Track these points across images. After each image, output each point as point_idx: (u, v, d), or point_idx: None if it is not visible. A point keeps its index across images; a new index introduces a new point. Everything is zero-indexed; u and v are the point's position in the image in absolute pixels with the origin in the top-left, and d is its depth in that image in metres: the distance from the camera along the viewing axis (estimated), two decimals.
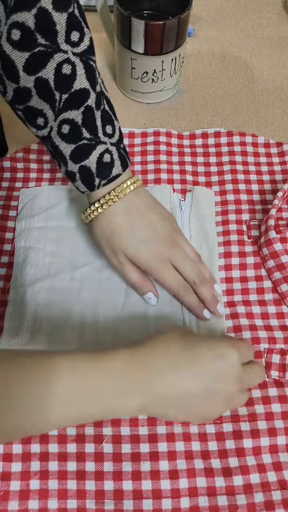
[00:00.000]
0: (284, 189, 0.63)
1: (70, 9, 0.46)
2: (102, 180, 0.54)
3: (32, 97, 0.48)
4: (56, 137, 0.52)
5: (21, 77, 0.47)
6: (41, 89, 0.48)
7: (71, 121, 0.50)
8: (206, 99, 0.79)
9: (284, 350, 0.54)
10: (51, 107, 0.49)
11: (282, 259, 0.58)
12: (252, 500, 0.47)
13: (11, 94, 0.49)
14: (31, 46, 0.45)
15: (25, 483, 0.48)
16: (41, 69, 0.47)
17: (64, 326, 0.55)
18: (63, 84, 0.48)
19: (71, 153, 0.52)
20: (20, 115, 0.51)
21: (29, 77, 0.47)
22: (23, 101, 0.49)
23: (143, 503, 0.47)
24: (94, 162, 0.53)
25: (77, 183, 0.54)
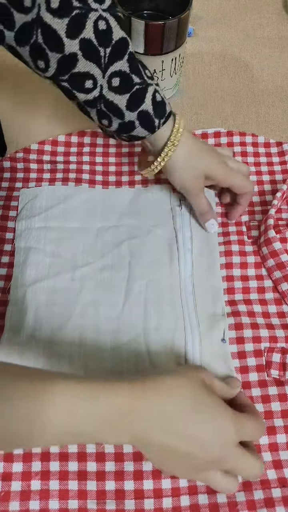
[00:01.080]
0: (283, 189, 0.63)
1: None
2: (161, 119, 0.57)
3: (78, 61, 0.50)
4: (109, 93, 0.53)
5: (65, 44, 0.49)
6: (86, 49, 0.50)
7: (119, 72, 0.53)
8: (206, 99, 0.79)
9: (285, 349, 0.54)
10: (98, 65, 0.51)
11: (281, 258, 0.58)
12: (251, 497, 0.47)
13: (55, 67, 0.51)
14: (69, 10, 0.47)
15: (26, 484, 0.48)
16: (82, 30, 0.49)
17: (65, 326, 0.55)
18: (103, 38, 0.50)
19: (127, 103, 0.54)
20: (65, 86, 0.53)
21: (73, 41, 0.49)
22: (68, 69, 0.51)
23: (145, 502, 0.47)
24: (150, 104, 0.55)
25: (137, 130, 0.57)
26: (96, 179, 0.68)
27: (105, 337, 0.55)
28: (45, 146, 0.70)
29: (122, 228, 0.63)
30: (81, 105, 0.57)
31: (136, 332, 0.55)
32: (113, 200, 0.66)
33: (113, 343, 0.54)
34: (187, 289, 0.58)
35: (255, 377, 0.53)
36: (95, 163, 0.70)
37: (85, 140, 0.71)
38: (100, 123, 0.58)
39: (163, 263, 0.60)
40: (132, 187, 0.67)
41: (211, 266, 0.60)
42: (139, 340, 0.54)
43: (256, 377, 0.53)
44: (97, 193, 0.66)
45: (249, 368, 0.54)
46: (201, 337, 0.55)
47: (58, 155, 0.70)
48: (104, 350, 0.54)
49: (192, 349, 0.54)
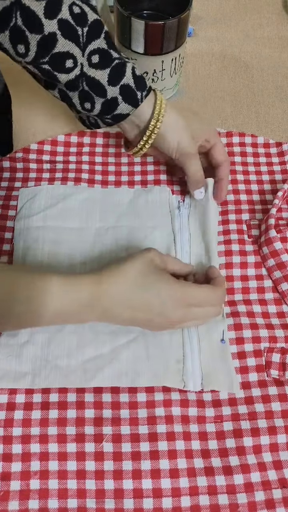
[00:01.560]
0: (284, 189, 0.63)
1: None
2: (143, 92, 0.58)
3: (58, 41, 0.52)
4: (90, 69, 0.55)
5: (44, 24, 0.51)
6: (65, 29, 0.52)
7: (98, 49, 0.55)
8: (206, 99, 0.79)
9: (285, 349, 0.54)
10: (77, 44, 0.53)
11: (282, 258, 0.58)
12: (253, 499, 0.47)
13: (35, 50, 0.52)
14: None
15: (25, 483, 0.48)
16: (59, 12, 0.51)
17: (64, 327, 0.55)
18: (79, 20, 0.53)
19: (108, 77, 0.56)
20: (45, 68, 0.54)
21: (52, 21, 0.51)
22: (48, 50, 0.53)
23: (144, 502, 0.47)
24: (130, 77, 0.57)
25: (120, 107, 0.58)
26: (96, 179, 0.68)
27: (103, 339, 0.54)
28: (45, 146, 0.70)
29: (121, 229, 0.63)
30: (62, 92, 0.58)
31: (134, 333, 0.55)
32: (112, 200, 0.66)
33: (112, 345, 0.54)
34: None
35: (255, 377, 0.53)
36: (95, 163, 0.69)
37: (84, 140, 0.71)
38: (83, 107, 0.59)
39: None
40: (132, 187, 0.67)
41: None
42: (137, 342, 0.54)
43: (256, 377, 0.53)
44: (96, 193, 0.66)
45: (249, 368, 0.54)
46: (200, 338, 0.55)
47: (58, 155, 0.70)
48: (103, 351, 0.54)
49: (190, 350, 0.54)
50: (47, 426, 0.50)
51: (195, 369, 0.53)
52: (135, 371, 0.52)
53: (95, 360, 0.53)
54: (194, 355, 0.54)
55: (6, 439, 0.49)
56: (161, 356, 0.53)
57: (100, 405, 0.51)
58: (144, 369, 0.53)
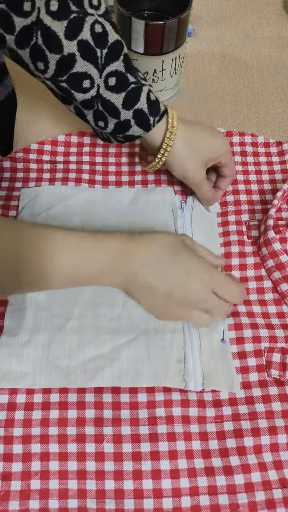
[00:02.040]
0: (283, 189, 0.63)
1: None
2: (155, 117, 0.58)
3: (76, 62, 0.53)
4: (105, 92, 0.56)
5: (64, 45, 0.51)
6: (84, 50, 0.52)
7: (115, 72, 0.55)
8: (206, 99, 0.79)
9: (285, 349, 0.54)
10: (95, 65, 0.54)
11: (281, 259, 0.58)
12: (253, 499, 0.47)
13: (54, 68, 0.53)
14: (67, 13, 0.51)
15: (25, 483, 0.48)
16: (80, 32, 0.52)
17: (64, 327, 0.55)
18: (100, 40, 0.53)
19: (123, 101, 0.57)
20: (63, 86, 0.55)
21: (71, 42, 0.52)
22: (66, 69, 0.53)
23: (144, 502, 0.47)
24: (144, 102, 0.58)
25: (132, 129, 0.59)
26: (96, 179, 0.68)
27: (104, 338, 0.55)
28: (45, 146, 0.70)
29: (123, 228, 0.63)
30: (78, 108, 0.58)
31: (135, 333, 0.55)
32: (113, 200, 0.66)
33: (113, 345, 0.54)
34: None
35: (255, 377, 0.53)
36: (95, 163, 0.70)
37: (85, 140, 0.71)
38: (96, 125, 0.60)
39: None
40: (132, 187, 0.67)
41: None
42: (138, 341, 0.54)
43: (257, 377, 0.53)
44: (98, 193, 0.66)
45: (250, 368, 0.54)
46: (200, 338, 0.55)
47: (58, 155, 0.70)
48: (103, 351, 0.54)
49: (191, 349, 0.54)
50: (47, 426, 0.50)
51: (196, 369, 0.53)
52: (135, 370, 0.53)
53: (96, 360, 0.53)
54: (195, 355, 0.54)
55: (7, 439, 0.49)
56: (162, 356, 0.53)
57: (101, 405, 0.51)
58: (145, 369, 0.53)
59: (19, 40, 0.51)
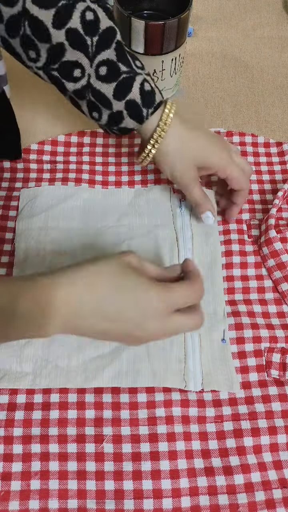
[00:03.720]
0: (284, 188, 0.63)
1: None
2: (149, 109, 0.56)
3: (66, 51, 0.51)
4: (96, 82, 0.54)
5: (52, 34, 0.50)
6: (73, 39, 0.51)
7: (106, 61, 0.53)
8: (206, 99, 0.79)
9: (285, 349, 0.54)
10: (85, 54, 0.52)
11: (282, 258, 0.58)
12: (253, 499, 0.47)
13: (44, 57, 0.52)
14: (55, 1, 0.49)
15: (25, 483, 0.48)
16: (68, 20, 0.50)
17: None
18: (90, 28, 0.51)
19: (114, 92, 0.55)
20: (55, 75, 0.54)
21: (59, 31, 0.50)
22: (57, 58, 0.52)
23: (144, 502, 0.47)
24: (137, 93, 0.55)
25: (125, 121, 0.57)
26: (96, 179, 0.68)
27: None
28: (45, 146, 0.70)
29: (122, 228, 0.63)
30: (72, 99, 0.57)
31: None
32: (113, 200, 0.66)
33: (113, 345, 0.54)
34: None
35: (255, 377, 0.53)
36: (95, 163, 0.70)
37: (84, 140, 0.71)
38: (91, 116, 0.58)
39: (163, 263, 0.60)
40: (132, 187, 0.67)
41: (212, 266, 0.60)
42: None
43: (256, 377, 0.53)
44: (97, 193, 0.66)
45: (249, 368, 0.54)
46: (201, 338, 0.55)
47: (58, 155, 0.70)
48: (103, 351, 0.54)
49: (191, 349, 0.54)
50: (47, 427, 0.50)
51: (196, 368, 0.53)
52: (135, 371, 0.53)
53: (96, 360, 0.53)
54: (196, 354, 0.54)
55: (7, 439, 0.49)
56: (162, 356, 0.53)
57: (101, 406, 0.51)
58: (145, 369, 0.53)
59: (8, 29, 0.50)
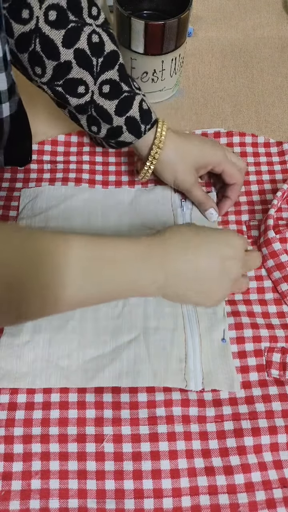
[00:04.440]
0: (283, 189, 0.63)
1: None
2: (147, 126, 0.60)
3: (72, 69, 0.54)
4: (99, 98, 0.57)
5: (61, 52, 0.53)
6: (80, 58, 0.54)
7: (109, 80, 0.57)
8: (206, 99, 0.79)
9: (285, 349, 0.54)
10: (90, 72, 0.55)
11: (281, 259, 0.58)
12: (253, 499, 0.47)
13: (50, 73, 0.55)
14: (65, 23, 0.52)
15: (26, 483, 0.48)
16: (77, 41, 0.53)
17: (64, 327, 0.55)
18: (96, 50, 0.55)
19: (116, 108, 0.58)
20: (59, 90, 0.56)
21: (68, 50, 0.53)
22: (63, 75, 0.55)
23: (144, 502, 0.47)
24: (137, 111, 0.59)
25: (124, 136, 0.60)
26: (96, 179, 0.68)
27: (105, 338, 0.55)
28: (45, 146, 0.70)
29: (123, 228, 0.63)
30: (72, 113, 0.60)
31: (135, 333, 0.55)
32: (113, 200, 0.66)
33: (113, 344, 0.54)
34: None
35: (255, 376, 0.53)
36: (95, 163, 0.70)
37: (84, 139, 0.71)
38: (90, 129, 0.61)
39: None
40: (132, 187, 0.68)
41: None
42: (138, 341, 0.54)
43: (257, 377, 0.53)
44: (98, 193, 0.66)
45: (250, 368, 0.54)
46: (201, 337, 0.55)
47: (58, 155, 0.70)
48: (104, 351, 0.54)
49: (192, 349, 0.54)
50: (48, 426, 0.50)
51: (197, 368, 0.53)
52: (136, 370, 0.53)
53: (96, 360, 0.53)
54: (196, 354, 0.54)
55: (7, 439, 0.49)
56: (162, 355, 0.54)
57: (101, 405, 0.51)
58: (145, 369, 0.53)
59: (18, 44, 0.53)
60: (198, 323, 0.56)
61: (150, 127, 0.60)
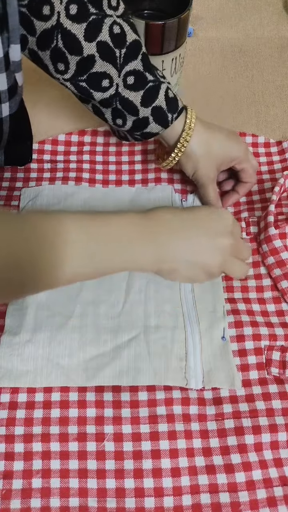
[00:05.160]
0: (280, 183, 0.63)
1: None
2: (174, 114, 0.59)
3: (96, 62, 0.54)
4: (124, 90, 0.57)
5: (84, 46, 0.52)
6: (103, 51, 0.53)
7: (134, 71, 0.56)
8: (206, 99, 0.79)
9: (284, 347, 0.54)
10: (114, 65, 0.55)
11: (282, 256, 0.58)
12: (254, 497, 0.47)
13: (74, 69, 0.54)
14: (86, 16, 0.52)
15: (27, 482, 0.48)
16: (98, 33, 0.53)
17: (65, 325, 0.55)
18: (119, 41, 0.54)
19: (142, 99, 0.57)
20: (83, 86, 0.56)
21: (91, 44, 0.53)
22: (86, 70, 0.54)
23: (145, 501, 0.47)
24: (163, 100, 0.58)
25: (150, 126, 0.59)
26: (96, 178, 0.68)
27: (105, 337, 0.55)
28: (45, 145, 0.70)
29: None
30: (96, 107, 0.59)
31: (136, 331, 0.55)
32: (114, 199, 0.66)
33: (113, 343, 0.54)
34: (187, 287, 0.58)
35: (255, 375, 0.53)
36: (95, 162, 0.70)
37: (85, 139, 0.72)
38: (114, 123, 0.60)
39: None
40: (132, 186, 0.68)
41: None
42: (139, 339, 0.55)
43: (257, 375, 0.53)
44: (98, 192, 0.66)
45: (250, 366, 0.54)
46: (201, 335, 0.55)
47: (58, 155, 0.70)
48: (104, 349, 0.54)
49: (192, 347, 0.54)
50: (48, 425, 0.50)
51: (197, 366, 0.53)
52: (136, 369, 0.53)
53: (97, 358, 0.53)
54: (196, 352, 0.54)
55: (8, 438, 0.49)
56: (162, 354, 0.54)
57: (101, 404, 0.51)
58: (146, 367, 0.53)
59: (40, 42, 0.52)
60: (198, 322, 0.56)
61: (177, 115, 0.59)
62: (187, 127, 0.59)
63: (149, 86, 0.57)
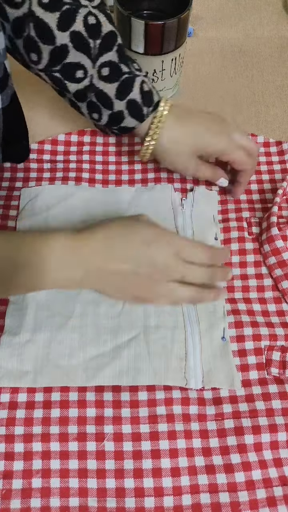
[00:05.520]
0: (283, 187, 0.63)
1: None
2: (149, 108, 0.58)
3: (69, 52, 0.53)
4: (99, 82, 0.56)
5: (56, 36, 0.52)
6: (77, 41, 0.53)
7: (109, 62, 0.56)
8: (206, 99, 0.79)
9: (285, 348, 0.54)
10: (88, 56, 0.54)
11: (283, 256, 0.58)
12: (254, 497, 0.47)
13: (47, 59, 0.54)
14: (60, 5, 0.51)
15: (27, 482, 0.48)
16: (72, 23, 0.52)
17: (65, 325, 0.55)
18: (93, 32, 0.54)
19: (116, 91, 0.57)
20: (57, 76, 0.55)
21: (64, 33, 0.52)
22: (60, 60, 0.54)
23: (145, 500, 0.47)
24: (137, 92, 0.58)
25: (126, 121, 0.59)
26: (96, 178, 0.68)
27: (105, 337, 0.55)
28: (45, 145, 0.70)
29: None
30: (72, 101, 0.59)
31: (136, 331, 0.55)
32: (114, 199, 0.66)
33: (113, 343, 0.54)
34: None
35: (255, 375, 0.53)
36: (95, 162, 0.70)
37: (85, 139, 0.72)
38: (91, 117, 0.60)
39: None
40: (132, 186, 0.68)
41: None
42: (139, 339, 0.55)
43: (257, 375, 0.53)
44: (98, 192, 0.66)
45: (250, 366, 0.54)
46: (201, 335, 0.55)
47: (58, 154, 0.70)
48: (104, 349, 0.54)
49: (192, 347, 0.54)
50: (48, 425, 0.50)
51: (197, 366, 0.53)
52: (136, 369, 0.53)
53: (97, 358, 0.53)
54: (196, 352, 0.54)
55: (8, 438, 0.49)
56: (162, 354, 0.54)
57: (101, 404, 0.51)
58: (145, 367, 0.53)
59: (13, 29, 0.52)
60: (198, 322, 0.56)
61: (153, 109, 0.59)
62: (157, 118, 0.58)
63: (124, 78, 0.57)
